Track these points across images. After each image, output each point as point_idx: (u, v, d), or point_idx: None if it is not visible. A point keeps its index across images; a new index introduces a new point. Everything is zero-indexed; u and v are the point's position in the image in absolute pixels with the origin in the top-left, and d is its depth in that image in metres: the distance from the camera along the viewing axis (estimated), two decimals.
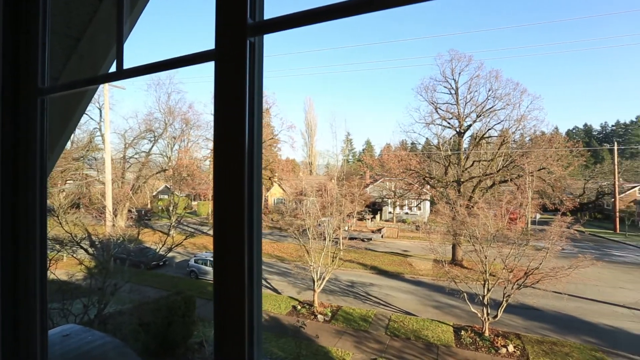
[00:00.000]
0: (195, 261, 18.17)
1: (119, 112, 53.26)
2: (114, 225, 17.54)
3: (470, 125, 23.02)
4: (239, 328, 1.03)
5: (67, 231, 11.85)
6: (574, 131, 76.05)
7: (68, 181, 26.48)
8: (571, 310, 13.57)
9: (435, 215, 26.79)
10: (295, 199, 26.37)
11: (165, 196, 37.45)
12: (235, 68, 1.05)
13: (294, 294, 15.51)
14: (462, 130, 22.82)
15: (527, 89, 22.13)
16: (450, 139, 23.94)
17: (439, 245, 15.26)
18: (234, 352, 1.04)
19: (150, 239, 20.19)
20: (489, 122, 22.44)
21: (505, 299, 11.32)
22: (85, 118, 26.03)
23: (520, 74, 70.36)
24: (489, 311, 11.45)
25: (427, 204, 38.47)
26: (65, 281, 10.43)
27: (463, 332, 11.60)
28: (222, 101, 1.08)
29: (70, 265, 13.51)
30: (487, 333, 11.33)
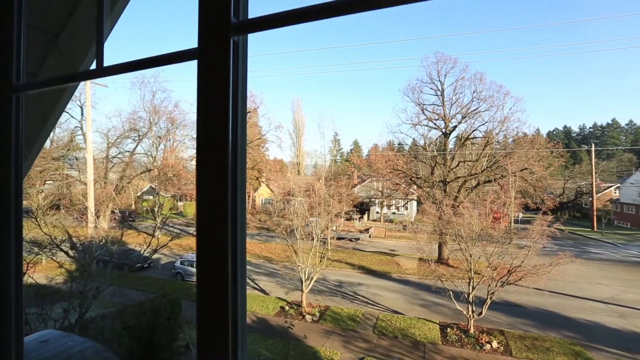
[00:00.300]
0: (182, 263, 17.86)
1: (102, 111, 51.73)
2: (96, 226, 17.05)
3: (455, 127, 23.47)
4: (223, 330, 1.02)
5: (46, 233, 11.44)
6: (554, 132, 78.56)
7: (47, 181, 25.57)
8: (552, 306, 14.01)
9: (422, 215, 27.17)
10: (283, 199, 26.28)
11: (150, 197, 36.68)
12: (218, 67, 1.04)
13: (282, 295, 15.44)
14: (448, 131, 23.23)
15: (510, 91, 22.72)
16: (437, 139, 24.32)
17: (426, 244, 15.49)
18: (218, 355, 1.03)
19: (134, 241, 19.73)
20: (474, 124, 22.96)
21: (489, 297, 11.58)
22: (66, 116, 25.22)
23: (503, 75, 72.26)
24: (474, 308, 11.69)
25: (414, 203, 39.00)
26: (44, 285, 10.07)
27: (449, 330, 11.80)
28: (205, 100, 1.07)
29: (50, 269, 13.07)
30: (472, 330, 11.57)
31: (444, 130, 23.28)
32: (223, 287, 1.01)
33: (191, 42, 1.16)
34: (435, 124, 23.71)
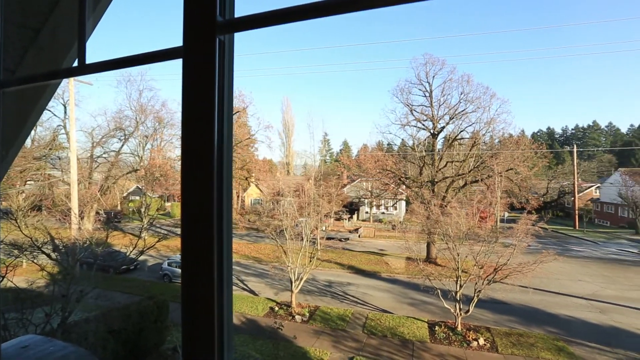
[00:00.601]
0: (169, 264, 17.56)
1: (86, 109, 50.62)
2: (80, 228, 16.59)
3: (443, 127, 23.80)
4: (209, 331, 1.00)
5: (27, 235, 11.07)
6: (538, 134, 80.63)
7: (28, 182, 24.77)
8: (536, 303, 14.37)
9: (411, 214, 27.52)
10: (273, 200, 26.12)
11: (137, 197, 35.94)
12: (204, 66, 1.03)
13: (271, 295, 15.36)
14: (436, 132, 23.54)
15: (496, 92, 23.21)
16: (425, 140, 24.62)
17: (414, 244, 15.66)
18: (203, 357, 1.01)
19: (120, 242, 19.30)
20: (461, 125, 23.34)
21: (476, 295, 11.80)
22: (48, 114, 24.47)
23: (488, 77, 73.74)
24: (462, 306, 11.88)
25: (403, 203, 39.39)
26: (25, 289, 9.74)
27: (437, 328, 11.96)
28: (190, 99, 1.05)
29: (31, 272, 12.65)
30: (460, 328, 11.76)
31: (432, 131, 23.59)
32: (209, 288, 1.00)
33: (177, 41, 1.15)
34: (423, 125, 24.00)
